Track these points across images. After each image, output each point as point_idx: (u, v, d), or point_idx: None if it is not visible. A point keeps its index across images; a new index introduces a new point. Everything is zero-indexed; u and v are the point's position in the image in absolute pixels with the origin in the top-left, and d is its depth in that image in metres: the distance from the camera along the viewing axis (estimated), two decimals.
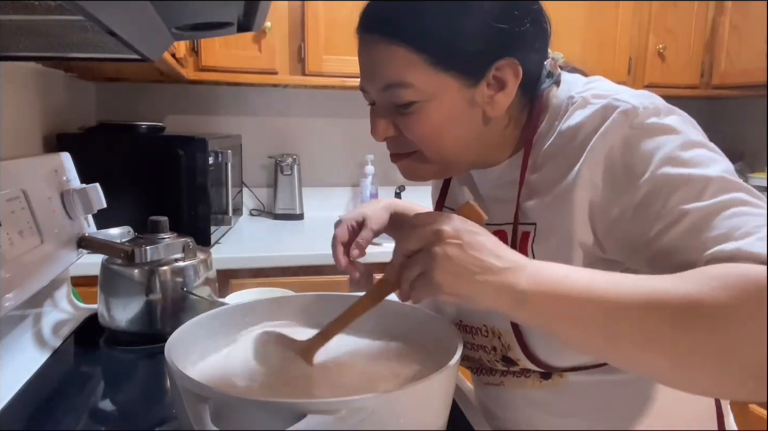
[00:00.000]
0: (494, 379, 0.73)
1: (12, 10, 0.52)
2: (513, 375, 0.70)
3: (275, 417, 0.47)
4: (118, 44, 0.59)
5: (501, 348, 0.67)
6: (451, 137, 0.63)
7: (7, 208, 0.81)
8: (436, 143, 0.63)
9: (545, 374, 0.67)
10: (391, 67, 0.60)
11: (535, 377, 0.68)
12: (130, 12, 0.52)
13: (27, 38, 0.70)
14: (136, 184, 1.62)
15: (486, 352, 0.70)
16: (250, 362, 0.68)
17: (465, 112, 0.62)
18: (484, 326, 0.68)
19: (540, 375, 0.68)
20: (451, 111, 0.61)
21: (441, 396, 0.57)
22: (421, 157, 0.65)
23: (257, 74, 1.95)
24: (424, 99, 0.60)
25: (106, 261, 0.96)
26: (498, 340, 0.67)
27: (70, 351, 0.96)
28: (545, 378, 0.67)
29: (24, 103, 1.34)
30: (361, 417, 0.47)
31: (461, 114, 0.62)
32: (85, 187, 1.03)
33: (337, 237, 0.81)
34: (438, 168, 0.67)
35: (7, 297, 0.76)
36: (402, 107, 0.61)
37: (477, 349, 0.71)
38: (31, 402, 0.77)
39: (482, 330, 0.69)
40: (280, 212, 2.24)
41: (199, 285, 0.97)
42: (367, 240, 0.81)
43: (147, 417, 0.76)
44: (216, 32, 0.78)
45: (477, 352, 0.71)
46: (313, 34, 1.96)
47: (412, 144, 0.64)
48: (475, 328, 0.70)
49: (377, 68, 0.61)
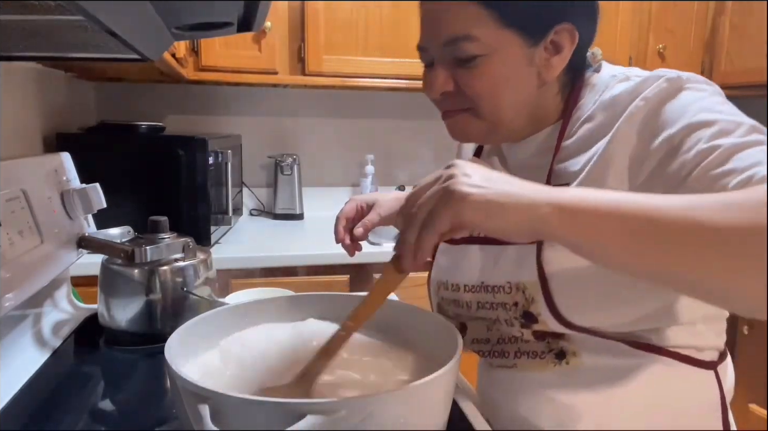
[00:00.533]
0: (507, 361, 0.72)
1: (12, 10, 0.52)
2: (527, 356, 0.70)
3: (275, 417, 0.47)
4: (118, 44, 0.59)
5: (523, 303, 0.67)
6: (508, 94, 0.66)
7: (7, 208, 0.81)
8: (493, 98, 0.65)
9: (559, 354, 0.68)
10: (459, 21, 0.63)
11: (549, 358, 0.68)
12: (130, 12, 0.52)
13: (27, 38, 0.70)
14: (136, 184, 1.62)
15: (506, 310, 0.69)
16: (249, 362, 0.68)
17: (523, 71, 0.65)
18: (508, 283, 0.68)
19: (554, 356, 0.68)
20: (510, 68, 0.64)
21: (441, 396, 0.57)
22: (474, 113, 0.67)
23: (257, 74, 1.95)
24: (487, 53, 0.63)
25: (106, 261, 0.96)
26: (521, 294, 0.67)
27: (70, 351, 0.96)
28: (559, 359, 0.68)
29: (24, 103, 1.34)
30: (361, 417, 0.47)
31: (519, 72, 0.65)
32: (85, 187, 1.03)
33: (343, 212, 0.85)
34: (487, 127, 0.68)
35: (7, 297, 0.76)
36: (464, 61, 0.64)
37: (496, 308, 0.71)
38: (31, 402, 0.77)
39: (505, 287, 0.69)
40: (280, 212, 2.24)
41: (199, 285, 0.97)
42: (372, 222, 0.83)
43: (147, 417, 0.76)
44: (216, 32, 0.78)
45: (496, 311, 0.71)
46: (313, 34, 1.96)
47: (468, 100, 0.67)
48: (497, 287, 0.70)
49: (444, 23, 0.64)
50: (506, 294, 0.69)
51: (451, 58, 0.65)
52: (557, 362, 0.68)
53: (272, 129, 2.33)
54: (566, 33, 0.65)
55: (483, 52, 0.63)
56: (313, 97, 2.33)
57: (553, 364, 0.68)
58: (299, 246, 1.80)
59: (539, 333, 0.69)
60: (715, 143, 0.53)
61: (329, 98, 2.34)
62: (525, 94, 0.67)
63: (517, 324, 0.70)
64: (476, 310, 0.73)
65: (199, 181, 1.63)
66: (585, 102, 0.69)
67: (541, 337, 0.69)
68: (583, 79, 0.71)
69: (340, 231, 0.84)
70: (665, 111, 0.59)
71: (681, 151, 0.55)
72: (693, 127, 0.56)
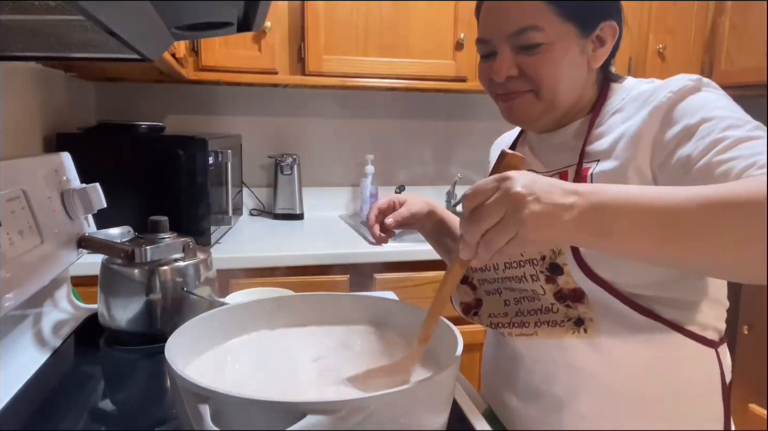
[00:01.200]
0: (527, 330, 0.78)
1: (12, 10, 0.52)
2: (547, 325, 0.76)
3: (275, 417, 0.47)
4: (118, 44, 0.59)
5: (551, 255, 0.74)
6: (566, 78, 0.76)
7: (7, 208, 0.81)
8: (554, 81, 0.76)
9: (577, 322, 0.74)
10: (527, 14, 0.74)
11: (568, 326, 0.74)
12: (130, 12, 0.52)
13: (27, 38, 0.70)
14: (136, 184, 1.62)
15: (533, 265, 0.76)
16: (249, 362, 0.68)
17: (577, 59, 0.77)
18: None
19: (573, 324, 0.74)
20: (568, 55, 0.76)
21: (441, 396, 0.57)
22: (535, 94, 0.77)
23: (257, 74, 1.94)
24: (550, 42, 0.74)
25: (106, 261, 0.96)
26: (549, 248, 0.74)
27: (70, 351, 0.96)
28: (577, 327, 0.74)
29: (24, 103, 1.34)
30: (361, 417, 0.47)
31: (574, 59, 0.76)
32: (85, 187, 1.03)
33: (377, 202, 0.96)
34: (544, 107, 0.78)
35: (7, 297, 0.76)
36: (530, 48, 0.75)
37: (524, 264, 0.77)
38: (31, 402, 0.77)
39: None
40: (280, 212, 2.24)
41: (199, 285, 0.97)
42: (402, 216, 0.94)
43: (147, 417, 0.76)
44: (216, 32, 0.78)
45: (523, 268, 0.77)
46: (313, 34, 1.96)
47: (530, 83, 0.77)
48: None
49: (512, 15, 0.75)
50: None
51: (516, 46, 0.76)
52: (576, 329, 0.74)
53: (272, 129, 2.33)
54: (609, 29, 0.78)
55: (547, 40, 0.74)
56: (313, 97, 2.33)
57: (572, 331, 0.74)
58: (299, 246, 1.80)
59: (560, 294, 0.75)
60: (726, 134, 0.62)
61: (329, 98, 2.34)
62: (578, 79, 0.78)
63: (542, 278, 0.75)
64: (504, 270, 0.80)
65: (199, 181, 1.62)
66: (613, 99, 0.80)
67: (561, 298, 0.75)
68: (610, 84, 0.82)
69: (372, 218, 0.94)
70: (687, 104, 0.69)
71: (695, 137, 0.65)
72: (708, 119, 0.65)
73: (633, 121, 0.72)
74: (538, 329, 0.77)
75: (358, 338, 0.74)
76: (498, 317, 0.82)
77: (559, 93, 0.77)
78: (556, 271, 0.74)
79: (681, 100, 0.69)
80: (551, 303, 0.76)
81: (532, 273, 0.76)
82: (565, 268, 0.73)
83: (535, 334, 0.77)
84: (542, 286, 0.76)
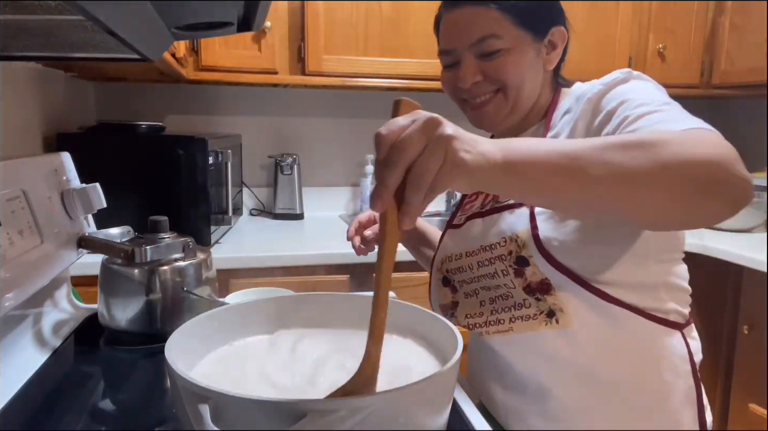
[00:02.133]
0: (503, 327, 0.82)
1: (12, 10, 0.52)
2: (521, 320, 0.80)
3: (275, 417, 0.47)
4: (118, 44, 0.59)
5: (516, 250, 0.79)
6: (527, 77, 0.83)
7: (7, 208, 0.81)
8: (517, 79, 0.82)
9: (549, 313, 0.77)
10: (485, 24, 0.81)
11: (541, 318, 0.78)
12: (130, 12, 0.52)
13: (27, 38, 0.70)
14: (136, 183, 1.62)
15: (502, 260, 0.80)
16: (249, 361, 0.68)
17: (534, 61, 0.84)
18: (503, 238, 0.80)
19: (545, 316, 0.78)
20: (525, 58, 0.83)
21: (441, 396, 0.57)
22: (501, 97, 0.83)
23: (257, 74, 1.94)
24: (508, 47, 0.81)
25: (106, 261, 0.96)
26: (514, 243, 0.79)
27: (70, 351, 0.97)
28: (549, 318, 0.77)
29: (24, 103, 1.34)
30: (361, 416, 0.47)
31: (532, 61, 0.83)
32: (85, 187, 1.03)
33: (358, 217, 1.03)
34: (510, 108, 0.84)
35: (7, 297, 0.76)
36: (490, 55, 0.81)
37: (494, 261, 0.81)
38: (31, 402, 0.77)
39: (500, 242, 0.80)
40: (280, 212, 2.24)
41: (199, 285, 0.97)
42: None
43: (147, 417, 0.76)
44: (216, 32, 0.78)
45: (493, 264, 0.82)
46: (313, 34, 1.96)
47: (494, 85, 0.83)
48: (494, 243, 0.81)
49: (473, 26, 0.81)
50: (501, 247, 0.80)
51: (479, 54, 0.82)
52: (548, 320, 0.78)
53: (272, 129, 2.33)
54: (559, 33, 0.85)
55: (505, 46, 0.81)
56: (313, 97, 2.33)
57: (545, 323, 0.78)
58: (299, 246, 1.80)
59: (529, 287, 0.78)
60: (636, 111, 0.68)
61: (329, 98, 2.34)
62: (537, 80, 0.85)
63: (512, 272, 0.79)
64: (477, 269, 0.84)
65: (199, 181, 1.62)
66: (563, 103, 0.86)
67: (531, 292, 0.78)
68: (560, 89, 0.89)
69: (352, 230, 1.00)
70: (613, 93, 0.75)
71: (613, 119, 0.71)
72: (626, 101, 0.71)
73: (573, 119, 0.79)
74: (513, 325, 0.81)
75: (358, 338, 0.74)
76: (474, 317, 0.85)
77: (523, 91, 0.83)
78: (522, 263, 0.78)
79: (609, 91, 0.75)
80: (523, 299, 0.79)
81: (503, 269, 0.80)
82: (530, 260, 0.77)
83: (511, 330, 0.81)
84: (512, 280, 0.80)
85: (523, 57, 0.82)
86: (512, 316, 0.81)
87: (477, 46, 0.81)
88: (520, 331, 0.80)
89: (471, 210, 0.90)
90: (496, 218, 0.83)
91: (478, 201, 0.91)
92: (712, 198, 0.54)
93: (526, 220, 0.78)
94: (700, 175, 0.53)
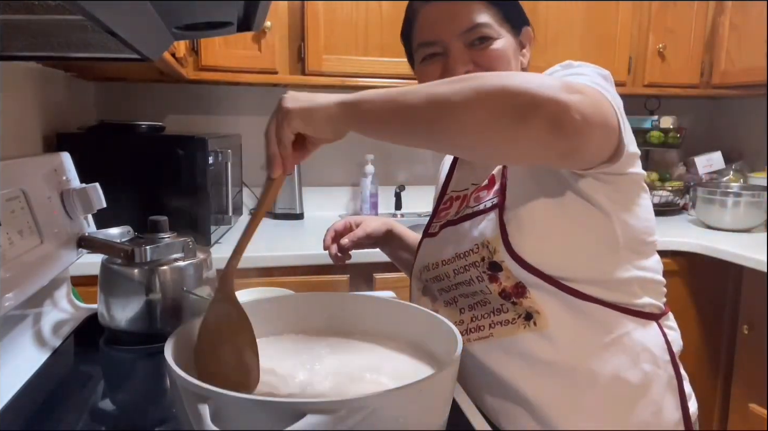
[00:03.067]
0: (483, 333, 0.83)
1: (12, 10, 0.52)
2: (500, 325, 0.81)
3: (275, 417, 0.47)
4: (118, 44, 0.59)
5: (488, 255, 0.80)
6: (513, 66, 0.86)
7: (7, 208, 0.81)
8: (505, 66, 0.84)
9: (527, 317, 0.79)
10: (474, 13, 0.83)
11: (519, 322, 0.79)
12: (130, 12, 0.52)
13: (27, 38, 0.70)
14: (136, 183, 1.62)
15: (476, 267, 0.82)
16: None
17: (516, 54, 0.87)
18: (475, 245, 0.82)
19: (523, 319, 0.79)
20: (511, 50, 0.85)
21: (441, 396, 0.57)
22: None
23: (257, 74, 1.94)
24: (496, 37, 0.84)
25: (106, 260, 0.96)
26: (486, 249, 0.80)
27: (70, 351, 0.97)
28: (527, 321, 0.79)
29: (24, 103, 1.34)
30: (361, 416, 0.47)
31: (515, 52, 0.87)
32: (85, 187, 1.03)
33: (333, 225, 1.05)
34: None
35: (7, 297, 0.76)
36: (482, 42, 0.83)
37: (469, 269, 0.83)
38: (31, 402, 0.77)
39: (473, 249, 0.82)
40: (280, 212, 2.24)
41: (199, 285, 0.97)
42: (358, 236, 1.03)
43: (147, 417, 0.76)
44: (216, 32, 0.78)
45: (468, 272, 0.83)
46: (313, 34, 1.96)
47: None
48: (468, 251, 0.83)
49: (461, 15, 0.83)
50: (475, 254, 0.82)
51: (468, 42, 0.83)
52: (526, 323, 0.79)
53: None
54: (527, 34, 0.90)
55: (495, 35, 0.83)
56: None
57: (524, 326, 0.79)
58: (299, 246, 1.80)
59: (504, 292, 0.79)
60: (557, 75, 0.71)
61: None
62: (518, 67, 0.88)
63: (486, 278, 0.81)
64: (454, 277, 0.85)
65: (199, 181, 1.62)
66: None
67: (506, 296, 0.79)
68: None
69: (328, 240, 1.04)
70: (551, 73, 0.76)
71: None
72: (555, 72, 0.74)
73: None
74: (492, 330, 0.82)
75: (357, 338, 0.74)
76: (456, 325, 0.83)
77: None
78: (495, 268, 0.79)
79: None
80: (501, 304, 0.80)
81: (477, 275, 0.82)
82: (503, 264, 0.78)
83: (491, 335, 0.82)
84: (488, 286, 0.81)
85: (509, 47, 0.85)
86: (492, 322, 0.82)
87: (467, 35, 0.83)
88: (500, 336, 0.81)
89: (445, 217, 0.91)
90: (468, 225, 0.84)
91: (453, 209, 0.91)
92: (526, 120, 0.55)
93: (495, 225, 0.79)
94: (513, 100, 0.55)
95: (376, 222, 1.07)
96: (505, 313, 0.80)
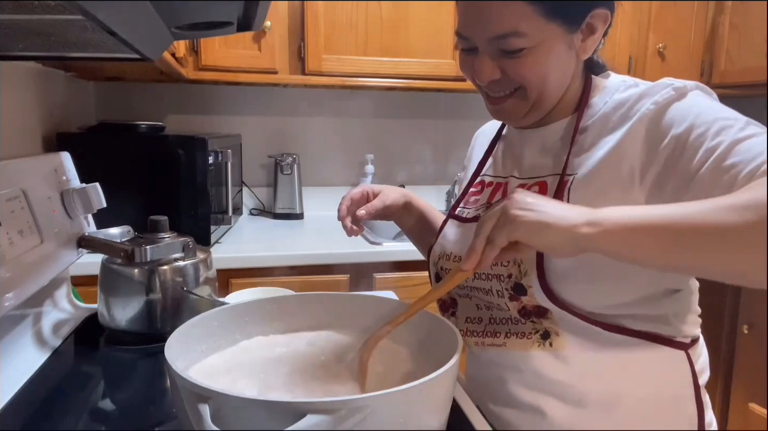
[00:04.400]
0: (497, 340, 0.78)
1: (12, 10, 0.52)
2: (516, 336, 0.76)
3: (275, 417, 0.47)
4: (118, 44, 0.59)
5: (516, 275, 0.73)
6: (553, 77, 0.73)
7: (7, 208, 0.81)
8: (540, 83, 0.72)
9: (544, 335, 0.74)
10: (506, 17, 0.68)
11: (534, 338, 0.75)
12: (130, 12, 0.52)
13: (27, 38, 0.70)
14: (136, 183, 1.62)
15: (499, 281, 0.75)
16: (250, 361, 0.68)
17: (564, 55, 0.73)
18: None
19: (540, 337, 0.74)
20: (554, 55, 0.71)
21: (441, 396, 0.57)
22: (522, 95, 0.74)
23: (257, 74, 1.94)
24: (533, 45, 0.69)
25: (106, 260, 0.96)
26: (517, 268, 0.73)
27: (70, 350, 0.96)
28: (543, 340, 0.74)
29: (24, 103, 1.34)
30: (361, 416, 0.47)
31: (562, 57, 0.73)
32: (85, 187, 1.03)
33: (350, 194, 0.90)
34: (532, 107, 0.75)
35: (7, 296, 0.76)
36: (512, 53, 0.70)
37: (491, 278, 0.76)
38: (31, 402, 0.77)
39: (502, 261, 0.74)
40: (280, 212, 2.24)
41: (199, 285, 0.97)
42: (375, 208, 0.90)
43: (147, 417, 0.76)
44: (216, 32, 0.78)
45: (490, 281, 0.77)
46: (313, 34, 1.96)
47: (514, 83, 0.73)
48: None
49: (492, 18, 0.69)
50: (503, 267, 0.75)
51: (498, 50, 0.71)
52: (542, 342, 0.74)
53: (272, 129, 2.33)
54: (600, 17, 0.72)
55: (529, 44, 0.69)
56: (312, 97, 2.33)
57: (538, 344, 0.74)
58: (299, 245, 1.80)
59: (524, 310, 0.74)
60: (719, 139, 0.61)
61: (329, 98, 2.34)
62: (567, 72, 0.75)
63: (507, 295, 0.75)
64: (472, 280, 0.79)
65: (199, 181, 1.62)
66: (596, 101, 0.76)
67: (525, 315, 0.74)
68: (591, 80, 0.79)
69: (343, 209, 0.88)
70: (671, 113, 0.66)
71: (687, 148, 0.63)
72: (697, 126, 0.63)
73: (616, 135, 0.70)
74: (507, 340, 0.77)
75: (358, 338, 0.74)
76: (474, 323, 0.81)
77: (546, 90, 0.74)
78: (520, 291, 0.73)
79: (665, 109, 0.67)
80: (518, 318, 0.76)
81: (498, 289, 0.76)
82: (529, 290, 0.72)
83: (504, 345, 0.77)
84: (506, 303, 0.75)
85: (549, 54, 0.71)
86: (508, 331, 0.77)
87: (496, 42, 0.70)
88: (513, 348, 0.76)
89: (477, 204, 0.85)
90: None
91: (484, 195, 0.85)
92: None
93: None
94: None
95: (396, 194, 0.95)
96: (523, 325, 0.75)
